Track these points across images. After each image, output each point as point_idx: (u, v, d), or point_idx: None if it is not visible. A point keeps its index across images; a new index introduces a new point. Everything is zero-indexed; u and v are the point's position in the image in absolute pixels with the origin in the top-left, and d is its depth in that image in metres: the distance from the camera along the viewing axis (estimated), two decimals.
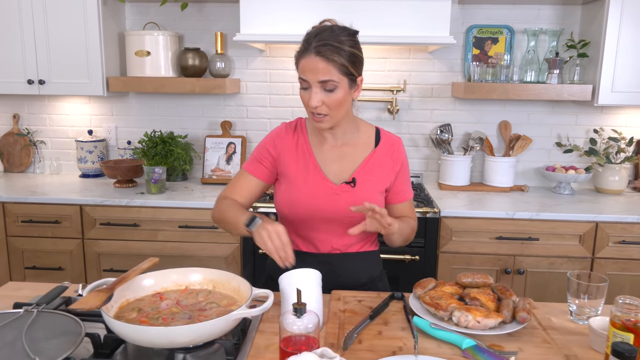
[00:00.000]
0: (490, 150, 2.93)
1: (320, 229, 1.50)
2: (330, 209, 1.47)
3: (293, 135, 1.54)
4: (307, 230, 1.51)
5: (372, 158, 1.50)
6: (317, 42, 1.33)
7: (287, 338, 1.03)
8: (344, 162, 1.50)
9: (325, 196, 1.47)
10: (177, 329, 1.00)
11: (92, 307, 1.05)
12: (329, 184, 1.48)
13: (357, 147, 1.51)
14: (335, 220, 1.48)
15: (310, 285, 1.21)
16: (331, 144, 1.51)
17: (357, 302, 1.35)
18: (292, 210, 1.50)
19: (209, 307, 1.18)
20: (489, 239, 2.45)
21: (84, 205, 2.55)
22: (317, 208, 1.47)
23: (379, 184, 1.50)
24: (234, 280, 1.26)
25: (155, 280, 1.26)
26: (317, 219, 1.49)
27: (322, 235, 1.50)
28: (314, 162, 1.49)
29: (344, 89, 1.36)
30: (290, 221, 1.52)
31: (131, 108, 3.12)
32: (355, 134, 1.52)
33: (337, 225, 1.49)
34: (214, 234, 2.53)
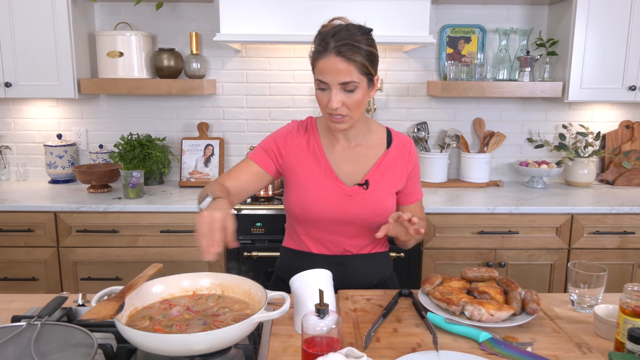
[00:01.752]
0: (465, 147, 3.00)
1: (332, 230, 1.49)
2: (342, 211, 1.46)
3: (304, 134, 1.51)
4: (319, 231, 1.50)
5: (385, 159, 1.49)
6: (336, 42, 1.29)
7: (309, 339, 1.02)
8: (357, 164, 1.49)
9: (338, 198, 1.46)
10: (197, 336, 0.97)
11: (105, 317, 1.01)
12: (341, 186, 1.47)
13: (370, 148, 1.50)
14: (347, 222, 1.47)
15: (323, 285, 1.20)
16: (343, 144, 1.50)
17: (366, 300, 1.35)
18: (303, 211, 1.48)
19: (222, 312, 1.16)
20: (470, 234, 2.51)
21: (59, 212, 2.46)
22: (329, 210, 1.46)
23: (392, 186, 1.49)
24: (244, 284, 1.24)
25: (164, 287, 1.23)
26: (328, 220, 1.47)
27: (334, 237, 1.50)
28: (326, 163, 1.48)
29: (363, 89, 1.34)
30: (302, 222, 1.51)
31: (102, 111, 3.02)
32: (368, 134, 1.51)
33: (349, 227, 1.48)
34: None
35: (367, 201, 1.46)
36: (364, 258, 1.53)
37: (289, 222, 1.60)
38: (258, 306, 1.16)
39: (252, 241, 2.48)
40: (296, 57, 2.96)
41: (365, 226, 1.45)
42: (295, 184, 1.50)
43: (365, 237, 1.51)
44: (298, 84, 3.00)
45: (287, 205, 1.53)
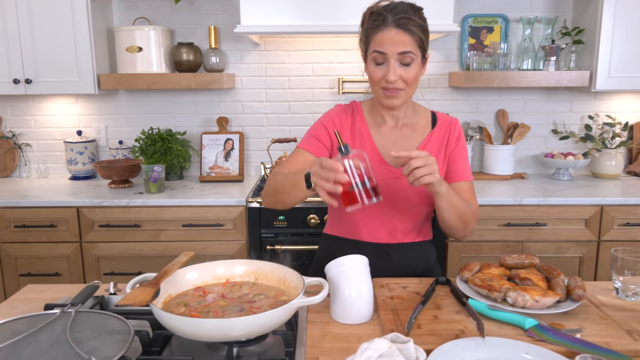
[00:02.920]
0: (489, 139, 2.95)
1: (378, 213, 1.46)
2: (389, 193, 1.42)
3: (350, 116, 1.51)
4: (364, 215, 1.46)
5: (431, 139, 1.47)
6: (394, 16, 1.32)
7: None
8: (403, 145, 1.47)
9: (383, 180, 1.42)
10: (236, 321, 0.94)
11: (141, 302, 0.99)
12: (387, 167, 1.44)
13: (416, 129, 1.49)
14: (393, 204, 1.44)
15: (359, 271, 1.17)
16: (390, 125, 1.48)
17: (402, 288, 1.31)
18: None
19: (257, 299, 1.13)
20: (497, 226, 2.46)
21: (81, 207, 2.45)
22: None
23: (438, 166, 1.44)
24: (278, 271, 1.21)
25: (198, 274, 1.20)
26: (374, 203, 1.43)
27: (380, 220, 1.47)
28: (372, 144, 1.46)
29: (418, 64, 1.36)
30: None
31: (121, 107, 3.01)
32: (414, 115, 1.50)
33: (395, 210, 1.46)
34: (219, 231, 2.46)
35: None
36: (408, 247, 1.49)
37: (332, 208, 1.57)
38: (294, 293, 1.13)
39: (275, 234, 2.45)
40: (315, 50, 2.93)
41: (411, 209, 1.42)
42: None
43: (411, 221, 1.48)
44: (317, 77, 2.96)
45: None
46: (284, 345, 1.04)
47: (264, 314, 0.96)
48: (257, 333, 1.00)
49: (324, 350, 1.04)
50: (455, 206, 1.38)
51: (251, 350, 1.05)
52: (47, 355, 0.93)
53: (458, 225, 1.43)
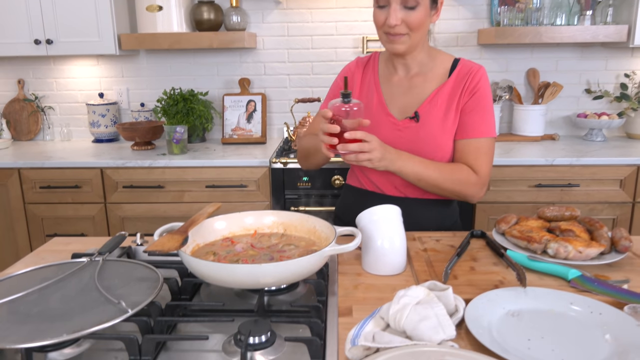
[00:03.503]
0: (518, 99, 2.84)
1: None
2: (393, 146, 1.36)
3: (363, 70, 1.46)
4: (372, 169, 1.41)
5: (441, 90, 1.37)
6: None
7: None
8: (411, 96, 1.39)
9: (388, 132, 1.38)
10: (267, 267, 0.91)
11: (170, 249, 0.96)
12: (391, 119, 1.38)
13: (428, 79, 1.40)
14: None
15: (392, 221, 1.12)
16: (401, 75, 1.41)
17: (435, 241, 1.27)
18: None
19: (287, 249, 1.10)
20: (527, 187, 2.38)
21: (105, 168, 2.44)
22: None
23: (447, 120, 1.36)
24: (308, 221, 1.17)
25: (226, 224, 1.17)
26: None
27: (386, 174, 1.41)
28: (379, 96, 1.40)
29: (425, 9, 1.27)
30: None
31: (142, 69, 2.98)
32: (429, 65, 1.40)
33: None
34: (243, 192, 2.44)
35: (418, 136, 1.36)
36: (422, 204, 1.42)
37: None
38: (325, 243, 1.09)
39: (299, 196, 2.42)
40: (339, 8, 2.84)
41: None
42: None
43: None
44: (341, 36, 2.88)
45: None
46: (316, 294, 1.01)
47: (296, 260, 0.93)
48: (288, 280, 0.97)
49: (357, 299, 1.01)
50: (422, 179, 1.31)
51: (282, 299, 1.02)
52: (76, 301, 0.91)
53: (446, 195, 1.37)
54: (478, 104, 1.36)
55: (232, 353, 0.82)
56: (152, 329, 0.86)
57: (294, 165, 2.39)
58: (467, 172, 1.34)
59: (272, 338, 0.84)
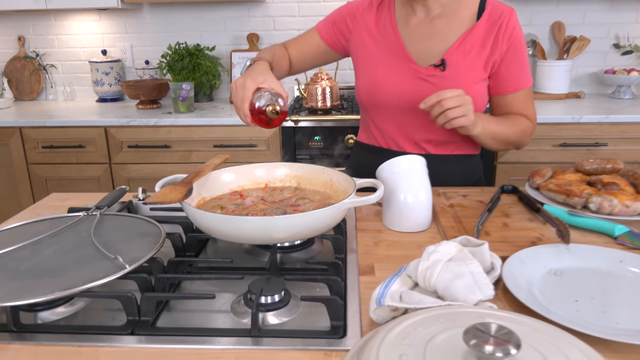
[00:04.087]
0: (542, 54, 2.69)
1: (403, 121, 1.29)
2: (414, 97, 1.24)
3: (377, 10, 1.32)
4: (389, 122, 1.30)
5: (471, 35, 1.23)
6: None
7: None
8: (435, 40, 1.25)
9: (409, 81, 1.25)
10: (280, 219, 0.81)
11: (172, 200, 0.87)
12: (413, 66, 1.25)
13: (453, 22, 1.25)
14: (420, 111, 1.25)
15: (417, 173, 1.02)
16: (420, 17, 1.26)
17: (462, 197, 1.16)
18: (370, 97, 1.29)
19: (301, 203, 1.00)
20: (551, 147, 2.26)
21: (109, 127, 2.34)
22: (399, 95, 1.26)
23: (477, 69, 1.23)
24: (323, 174, 1.07)
25: (235, 176, 1.07)
26: (398, 108, 1.27)
27: (405, 129, 1.30)
28: (398, 40, 1.26)
29: None
30: (371, 111, 1.32)
31: (146, 24, 2.84)
32: (453, 5, 1.25)
33: (424, 118, 1.27)
34: (252, 152, 2.34)
35: (445, 86, 1.21)
36: (447, 159, 1.31)
37: (362, 113, 1.42)
38: (343, 196, 0.99)
39: (310, 156, 2.31)
40: None
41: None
42: (363, 65, 1.31)
43: (443, 133, 1.27)
44: None
45: (356, 92, 1.36)
46: (334, 252, 0.91)
47: (312, 212, 0.83)
48: (303, 235, 0.87)
49: (379, 257, 0.91)
50: (496, 137, 1.22)
51: (296, 256, 0.93)
52: (70, 256, 0.83)
53: (507, 148, 1.30)
54: (517, 53, 1.24)
55: (242, 314, 0.73)
56: (152, 288, 0.77)
57: (305, 124, 2.28)
58: (525, 121, 1.28)
59: (286, 297, 0.75)
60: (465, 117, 1.08)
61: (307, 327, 0.71)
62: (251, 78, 1.05)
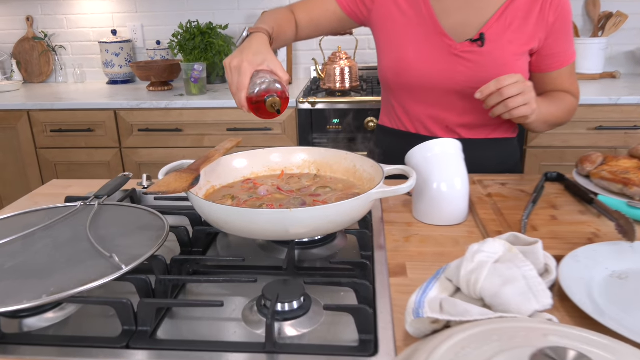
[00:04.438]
0: (575, 31, 2.52)
1: (434, 103, 1.17)
2: (448, 76, 1.12)
3: None
4: (417, 104, 1.18)
5: (512, 5, 1.10)
6: None
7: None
8: (471, 12, 1.12)
9: (442, 58, 1.12)
10: (300, 212, 0.71)
11: (177, 190, 0.76)
12: (447, 41, 1.12)
13: None
14: (454, 91, 1.13)
15: (452, 158, 0.90)
16: None
17: (500, 185, 1.04)
18: (397, 77, 1.17)
19: (322, 192, 0.89)
20: (586, 130, 2.12)
21: (119, 109, 2.25)
22: (430, 74, 1.13)
23: (520, 44, 1.10)
24: (345, 160, 0.96)
25: (248, 162, 0.97)
26: (429, 88, 1.15)
27: (436, 112, 1.17)
28: (430, 12, 1.13)
29: None
30: (397, 92, 1.20)
31: (157, 2, 2.73)
32: None
33: (457, 100, 1.14)
34: (267, 136, 2.23)
35: (483, 63, 1.10)
36: (482, 143, 1.18)
37: (384, 95, 1.29)
38: (368, 185, 0.88)
39: (328, 140, 2.20)
40: None
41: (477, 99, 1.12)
42: (388, 40, 1.18)
43: (479, 115, 1.15)
44: None
45: (380, 71, 1.23)
46: (359, 249, 0.81)
47: (336, 204, 0.72)
48: (325, 230, 0.77)
49: (411, 254, 0.80)
50: (548, 121, 1.10)
51: (316, 253, 0.82)
52: (62, 253, 0.73)
53: (545, 130, 1.17)
54: (564, 24, 1.11)
55: (255, 324, 0.63)
56: (153, 291, 0.67)
57: (323, 106, 2.16)
58: (570, 99, 1.17)
59: (306, 304, 0.64)
60: (527, 105, 0.95)
61: (331, 340, 0.60)
62: (248, 60, 0.91)
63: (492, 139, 1.19)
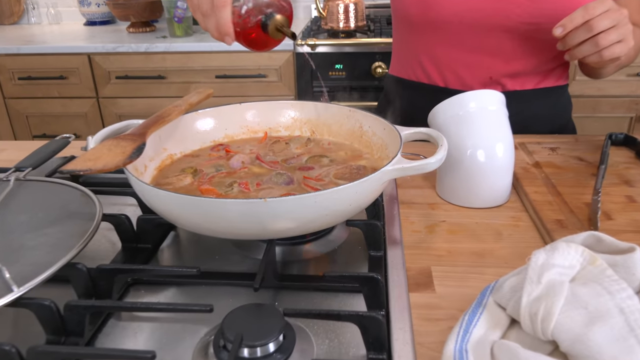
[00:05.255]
0: None
1: (474, 46, 0.89)
2: (497, 7, 0.85)
3: None
4: (449, 47, 0.91)
5: None
6: None
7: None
8: None
9: None
10: (283, 202, 0.48)
11: (107, 166, 0.53)
12: None
13: None
14: (503, 29, 0.86)
15: (492, 116, 0.66)
16: None
17: (550, 150, 0.81)
18: (425, 9, 0.89)
19: (317, 165, 0.66)
20: (625, 77, 1.85)
21: (93, 54, 1.99)
22: (472, 5, 0.86)
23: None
24: (349, 118, 0.72)
25: (215, 122, 0.73)
26: (469, 25, 0.87)
27: (476, 57, 0.90)
28: None
29: None
30: (420, 32, 0.93)
31: None
32: None
33: (506, 39, 0.87)
34: (261, 84, 1.97)
35: None
36: (531, 95, 0.93)
37: (398, 36, 1.02)
38: (379, 154, 0.65)
39: (330, 88, 1.94)
40: None
41: (533, 39, 0.85)
42: None
43: (532, 59, 0.89)
44: None
45: (397, 4, 0.95)
46: (366, 246, 0.58)
47: (335, 190, 0.49)
48: (316, 226, 0.54)
49: (438, 254, 0.58)
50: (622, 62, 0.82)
51: (308, 250, 0.60)
52: None
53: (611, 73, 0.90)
54: None
55: None
56: (61, 323, 0.45)
57: (325, 49, 1.89)
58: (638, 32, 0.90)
59: (287, 344, 0.43)
60: (623, 42, 0.70)
61: None
62: None
63: (541, 90, 0.93)
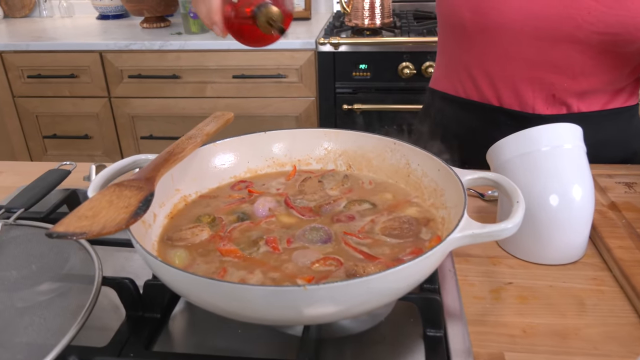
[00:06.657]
0: None
1: (537, 58, 0.76)
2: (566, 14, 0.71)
3: None
4: (508, 60, 0.78)
5: None
6: None
7: None
8: None
9: None
10: (329, 289, 0.37)
11: (105, 229, 0.43)
12: None
13: None
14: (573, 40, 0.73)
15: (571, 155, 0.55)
16: None
17: (626, 187, 0.68)
18: (479, 14, 0.76)
19: (357, 214, 0.55)
20: None
21: (105, 51, 1.89)
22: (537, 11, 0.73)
23: None
24: (392, 152, 0.61)
25: (235, 155, 0.62)
26: (532, 35, 0.74)
27: (538, 71, 0.77)
28: None
29: None
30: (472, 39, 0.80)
31: None
32: None
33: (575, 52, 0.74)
34: (281, 85, 1.86)
35: None
36: (591, 119, 0.79)
37: (445, 45, 0.89)
38: (434, 200, 0.54)
39: (354, 89, 1.83)
40: None
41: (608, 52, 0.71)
42: None
43: (602, 75, 0.76)
44: None
45: (443, 5, 0.83)
46: (422, 323, 0.47)
47: (394, 271, 0.38)
48: (363, 310, 0.43)
49: (511, 333, 0.47)
50: None
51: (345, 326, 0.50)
52: None
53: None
54: None
55: None
56: None
57: (348, 48, 1.77)
58: None
59: None
60: None
61: None
62: None
63: (610, 111, 0.80)
